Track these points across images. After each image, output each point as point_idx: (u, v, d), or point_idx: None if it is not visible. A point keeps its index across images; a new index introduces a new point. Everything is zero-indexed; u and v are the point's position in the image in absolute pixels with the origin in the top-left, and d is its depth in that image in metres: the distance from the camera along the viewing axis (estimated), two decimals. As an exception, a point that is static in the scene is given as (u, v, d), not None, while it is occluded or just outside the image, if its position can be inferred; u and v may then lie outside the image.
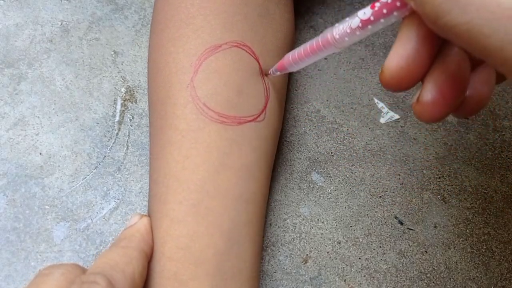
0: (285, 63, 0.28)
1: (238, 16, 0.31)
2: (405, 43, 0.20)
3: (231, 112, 0.29)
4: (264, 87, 0.31)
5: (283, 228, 0.34)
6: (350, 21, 0.22)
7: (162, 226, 0.27)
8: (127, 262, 0.24)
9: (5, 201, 0.34)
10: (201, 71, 0.29)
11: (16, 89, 0.38)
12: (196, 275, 0.26)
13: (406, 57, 0.20)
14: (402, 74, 0.20)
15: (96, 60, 0.39)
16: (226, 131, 0.28)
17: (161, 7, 0.32)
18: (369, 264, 0.34)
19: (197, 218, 0.27)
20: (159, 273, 0.26)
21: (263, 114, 0.30)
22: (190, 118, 0.28)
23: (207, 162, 0.28)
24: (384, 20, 0.20)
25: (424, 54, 0.19)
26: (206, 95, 0.29)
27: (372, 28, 0.21)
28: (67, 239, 0.34)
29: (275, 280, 0.33)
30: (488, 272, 0.34)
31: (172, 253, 0.26)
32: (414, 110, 0.21)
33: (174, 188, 0.27)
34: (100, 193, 0.35)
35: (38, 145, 0.36)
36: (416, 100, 0.20)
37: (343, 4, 0.43)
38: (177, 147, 0.28)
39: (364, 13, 0.21)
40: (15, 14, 0.41)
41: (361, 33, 0.22)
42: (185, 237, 0.26)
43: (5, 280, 0.32)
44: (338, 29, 0.22)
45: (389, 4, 0.20)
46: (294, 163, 0.36)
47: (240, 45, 0.30)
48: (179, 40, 0.30)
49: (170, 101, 0.29)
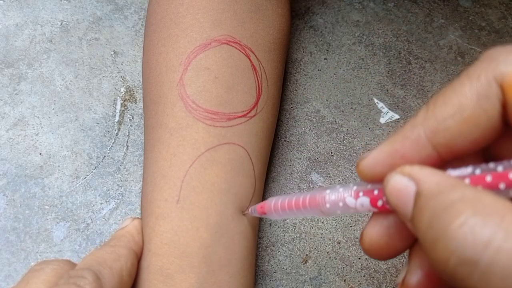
0: (266, 209, 0.25)
1: (227, 13, 0.31)
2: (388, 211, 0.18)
3: (220, 108, 0.29)
4: (256, 83, 0.31)
5: (283, 228, 0.34)
6: (345, 195, 0.20)
7: (149, 224, 0.28)
8: (115, 259, 0.25)
9: (5, 201, 0.34)
10: (191, 69, 0.29)
11: (16, 89, 0.38)
12: (181, 268, 0.26)
13: (388, 227, 0.18)
14: (382, 245, 0.18)
15: (96, 60, 0.39)
16: (215, 127, 0.29)
17: (153, 9, 0.33)
18: (369, 264, 0.34)
19: (181, 214, 0.27)
20: (146, 269, 0.27)
21: (254, 110, 0.30)
22: (179, 116, 0.29)
23: (194, 158, 0.28)
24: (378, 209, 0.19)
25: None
26: (195, 92, 0.29)
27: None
28: (66, 239, 0.34)
29: (275, 280, 0.33)
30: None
31: (157, 249, 0.27)
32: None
33: (161, 185, 0.28)
34: (100, 193, 0.35)
35: (38, 145, 0.36)
36: (402, 282, 0.18)
37: (343, 4, 0.43)
38: (165, 145, 0.29)
39: (362, 205, 0.19)
40: (15, 14, 0.41)
41: (355, 211, 0.20)
42: (169, 233, 0.27)
43: (5, 280, 0.32)
44: (330, 198, 0.20)
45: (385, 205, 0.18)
46: (293, 163, 0.36)
47: (230, 41, 0.30)
48: (169, 40, 0.30)
49: (160, 100, 0.30)
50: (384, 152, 0.18)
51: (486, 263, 0.13)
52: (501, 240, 0.13)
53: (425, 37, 0.42)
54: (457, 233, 0.14)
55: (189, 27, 0.30)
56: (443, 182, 0.16)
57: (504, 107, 0.16)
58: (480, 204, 0.14)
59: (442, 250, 0.14)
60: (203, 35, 0.30)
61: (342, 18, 0.42)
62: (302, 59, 0.40)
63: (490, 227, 0.13)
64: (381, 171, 0.18)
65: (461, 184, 0.15)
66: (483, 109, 0.16)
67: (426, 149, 0.17)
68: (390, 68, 0.40)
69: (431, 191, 0.15)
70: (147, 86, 0.32)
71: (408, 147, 0.18)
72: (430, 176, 0.16)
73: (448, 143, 0.17)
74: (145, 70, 0.32)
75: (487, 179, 0.16)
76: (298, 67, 0.40)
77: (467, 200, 0.14)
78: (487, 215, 0.14)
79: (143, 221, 0.28)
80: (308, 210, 0.22)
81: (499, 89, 0.16)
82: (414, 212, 0.16)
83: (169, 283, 0.26)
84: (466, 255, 0.14)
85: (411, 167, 0.17)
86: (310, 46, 0.41)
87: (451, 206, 0.14)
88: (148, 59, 0.32)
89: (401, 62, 0.41)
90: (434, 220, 0.15)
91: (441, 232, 0.14)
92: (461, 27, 0.42)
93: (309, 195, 0.22)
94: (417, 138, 0.18)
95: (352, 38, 0.41)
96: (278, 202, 0.24)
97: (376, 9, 0.43)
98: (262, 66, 0.32)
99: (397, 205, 0.17)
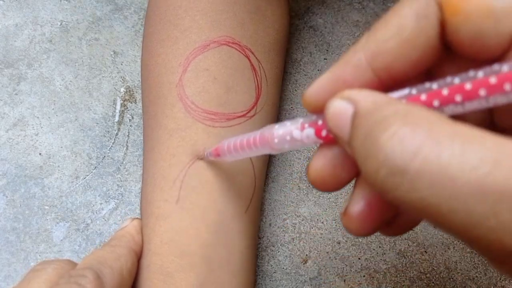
0: (220, 151, 0.25)
1: (226, 14, 0.31)
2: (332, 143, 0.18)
3: (220, 109, 0.29)
4: (255, 83, 0.31)
5: (282, 228, 0.34)
6: (292, 128, 0.20)
7: (149, 224, 0.28)
8: (115, 258, 0.25)
9: (5, 201, 0.34)
10: (190, 70, 0.29)
11: (15, 89, 0.38)
12: (181, 267, 0.26)
13: (332, 157, 0.18)
14: (325, 177, 0.18)
15: (96, 60, 0.39)
16: (214, 128, 0.29)
17: (151, 11, 0.33)
18: (369, 264, 0.34)
19: (181, 214, 0.27)
20: (146, 268, 0.27)
21: (254, 110, 0.30)
22: (178, 117, 0.29)
23: (194, 159, 0.28)
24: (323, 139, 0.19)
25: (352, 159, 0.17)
26: (194, 93, 0.29)
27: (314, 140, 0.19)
28: (66, 239, 0.34)
29: (275, 280, 0.33)
30: (487, 272, 0.34)
31: (157, 248, 0.27)
32: (342, 222, 0.19)
33: (161, 186, 0.28)
34: (100, 193, 0.35)
35: (38, 145, 0.36)
36: (344, 212, 0.18)
37: (343, 4, 0.43)
38: (165, 146, 0.29)
39: (307, 136, 0.19)
40: (14, 14, 0.41)
41: (303, 144, 0.20)
42: (169, 232, 0.27)
43: (5, 280, 0.32)
44: (278, 133, 0.20)
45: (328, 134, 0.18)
46: (293, 163, 0.36)
47: (229, 42, 0.30)
48: (168, 41, 0.30)
49: (160, 101, 0.30)
50: (326, 79, 0.18)
51: (414, 172, 0.13)
52: (429, 149, 0.13)
53: (425, 37, 0.42)
54: (386, 144, 0.14)
55: (188, 29, 0.30)
56: (379, 101, 0.15)
57: (443, 26, 0.16)
58: (411, 116, 0.14)
59: (372, 162, 0.14)
60: (202, 37, 0.30)
61: (342, 18, 0.42)
62: (302, 59, 0.40)
63: (419, 137, 0.13)
64: (324, 99, 0.18)
65: (396, 102, 0.15)
66: (422, 29, 0.16)
67: (367, 74, 0.17)
68: (390, 68, 0.40)
69: (367, 110, 0.15)
70: (146, 88, 0.32)
71: (349, 73, 0.18)
72: (367, 96, 0.16)
73: (388, 66, 0.17)
74: (144, 72, 0.32)
75: (421, 98, 0.16)
76: (298, 67, 0.40)
77: (399, 113, 0.14)
78: (417, 125, 0.14)
79: (142, 221, 0.28)
80: (258, 148, 0.22)
81: (437, 8, 0.16)
82: (351, 132, 0.16)
83: (169, 281, 0.26)
84: (395, 164, 0.13)
85: (350, 91, 0.17)
86: (310, 46, 0.41)
87: (383, 120, 0.14)
88: (147, 60, 0.32)
89: (401, 62, 0.41)
90: (367, 136, 0.15)
91: (372, 145, 0.14)
92: (461, 27, 0.42)
93: (259, 132, 0.22)
94: (357, 62, 0.17)
95: (352, 38, 0.41)
96: (231, 143, 0.24)
97: (376, 9, 0.43)
98: (262, 66, 0.32)
99: (336, 129, 0.17)
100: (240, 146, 0.23)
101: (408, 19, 0.16)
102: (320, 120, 0.19)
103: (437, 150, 0.13)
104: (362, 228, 0.18)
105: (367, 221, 0.18)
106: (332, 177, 0.19)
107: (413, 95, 0.16)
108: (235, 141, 0.24)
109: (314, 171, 0.19)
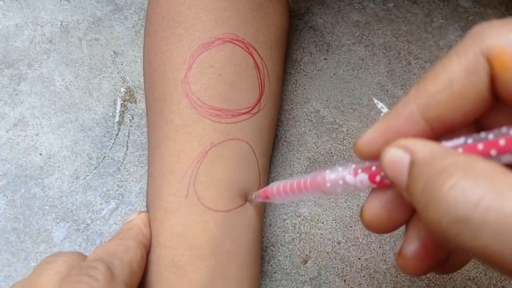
0: (269, 194, 0.25)
1: (229, 11, 0.31)
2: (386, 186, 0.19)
3: (225, 105, 0.29)
4: (258, 80, 0.31)
5: (282, 229, 0.34)
6: (344, 173, 0.20)
7: (157, 218, 0.28)
8: (125, 251, 0.25)
9: (5, 201, 0.34)
10: (195, 67, 0.30)
11: (16, 90, 0.38)
12: (192, 260, 0.27)
13: (387, 201, 0.19)
14: (381, 220, 0.19)
15: (96, 61, 0.39)
16: (220, 123, 0.29)
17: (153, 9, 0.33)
18: (369, 264, 0.34)
19: (190, 208, 0.27)
20: (156, 261, 0.27)
21: (258, 107, 0.31)
22: (184, 113, 0.29)
23: (201, 154, 0.28)
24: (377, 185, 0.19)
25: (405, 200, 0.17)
26: (200, 89, 0.29)
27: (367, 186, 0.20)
28: (66, 239, 0.34)
29: (275, 281, 0.33)
30: (487, 272, 0.34)
31: (166, 242, 0.27)
32: (397, 262, 0.19)
33: (169, 181, 0.28)
34: (100, 193, 0.35)
35: (38, 146, 0.36)
36: (399, 252, 0.19)
37: (343, 4, 0.43)
38: (172, 142, 0.29)
39: (361, 181, 0.20)
40: (14, 15, 0.41)
41: (355, 188, 0.20)
42: (178, 226, 0.27)
43: (5, 280, 0.32)
44: (330, 177, 0.21)
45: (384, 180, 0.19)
46: (293, 164, 0.36)
47: (233, 39, 0.31)
48: (172, 39, 0.31)
49: (165, 97, 0.30)
50: (379, 129, 0.19)
51: (477, 221, 0.14)
52: (491, 199, 0.14)
53: (425, 37, 0.42)
54: (448, 194, 0.14)
55: (192, 26, 0.30)
56: (436, 151, 0.16)
57: (492, 79, 0.17)
58: (471, 168, 0.15)
59: (435, 211, 0.15)
60: (206, 34, 0.30)
61: (342, 18, 0.42)
62: (302, 59, 0.40)
63: (480, 188, 0.14)
64: (377, 148, 0.19)
65: (453, 152, 0.16)
66: (471, 83, 0.17)
67: (419, 124, 0.18)
68: (390, 68, 0.40)
69: (425, 160, 0.16)
70: (150, 85, 0.32)
71: (401, 123, 0.18)
72: (424, 146, 0.17)
73: (440, 116, 0.18)
74: (147, 69, 0.32)
75: (478, 147, 0.16)
76: (298, 67, 0.40)
77: (459, 165, 0.15)
78: (478, 177, 0.14)
79: (150, 215, 0.29)
80: (310, 191, 0.22)
81: (486, 62, 0.17)
82: (409, 180, 0.16)
83: (180, 274, 0.26)
84: (457, 214, 0.14)
85: (406, 140, 0.17)
86: (310, 46, 0.41)
87: (444, 171, 0.15)
88: (151, 58, 0.32)
89: (401, 62, 0.41)
90: (427, 185, 0.15)
91: (433, 195, 0.15)
92: (461, 27, 0.42)
93: (309, 176, 0.22)
94: (410, 113, 0.18)
95: (352, 38, 0.41)
96: (281, 186, 0.24)
97: (376, 9, 0.43)
98: (264, 63, 0.32)
99: (394, 176, 0.17)
100: (291, 189, 0.24)
101: (457, 74, 0.17)
102: (374, 166, 0.19)
103: (499, 200, 0.13)
104: (418, 268, 0.19)
105: (422, 261, 0.18)
106: (388, 220, 0.19)
107: (469, 144, 0.17)
108: (284, 184, 0.24)
109: (369, 214, 0.19)
